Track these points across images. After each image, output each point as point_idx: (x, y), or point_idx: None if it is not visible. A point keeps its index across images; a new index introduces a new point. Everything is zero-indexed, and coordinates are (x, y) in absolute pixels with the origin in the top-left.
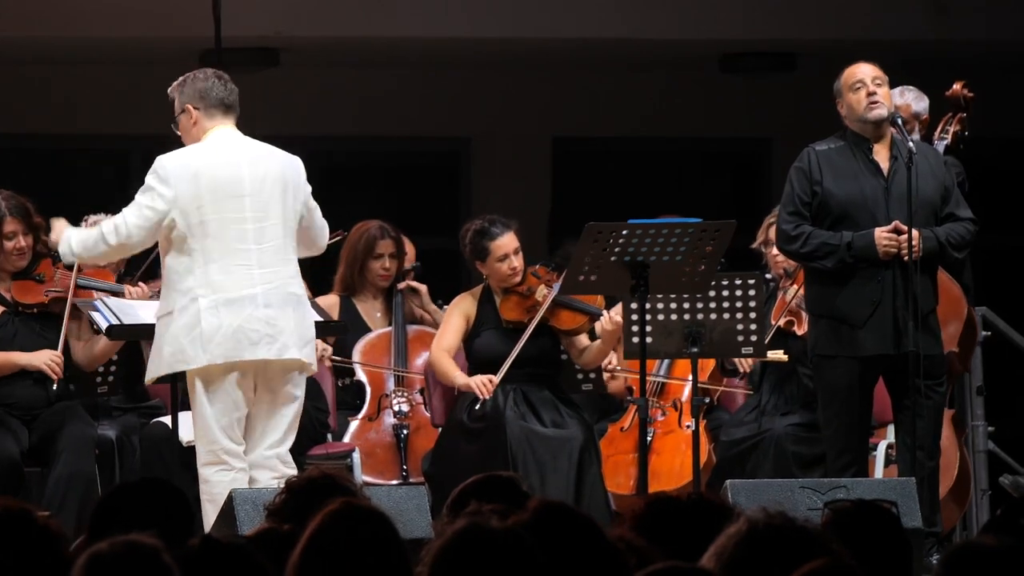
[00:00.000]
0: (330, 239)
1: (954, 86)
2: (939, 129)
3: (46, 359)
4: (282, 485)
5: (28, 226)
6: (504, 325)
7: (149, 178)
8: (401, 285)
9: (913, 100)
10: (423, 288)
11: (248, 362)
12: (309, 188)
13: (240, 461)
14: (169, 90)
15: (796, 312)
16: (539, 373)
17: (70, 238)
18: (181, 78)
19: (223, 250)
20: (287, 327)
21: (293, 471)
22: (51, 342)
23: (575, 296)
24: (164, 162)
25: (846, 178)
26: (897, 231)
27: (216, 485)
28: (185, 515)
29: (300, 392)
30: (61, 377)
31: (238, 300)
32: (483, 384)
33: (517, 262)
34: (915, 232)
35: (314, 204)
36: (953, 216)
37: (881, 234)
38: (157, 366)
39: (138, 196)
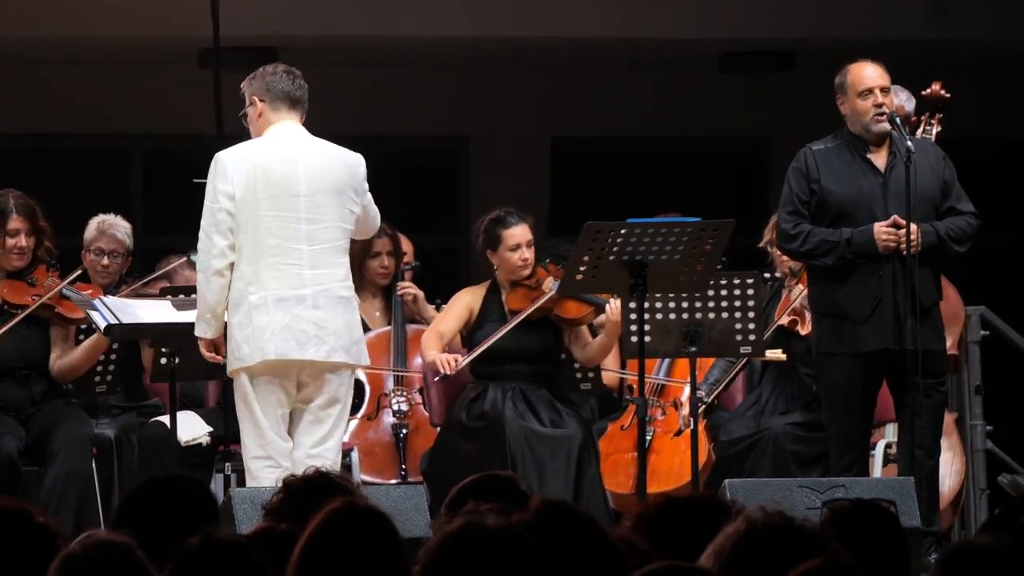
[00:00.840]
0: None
1: (932, 86)
2: (921, 130)
3: None
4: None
5: (32, 227)
6: (509, 317)
7: (210, 178)
8: (399, 291)
9: (906, 101)
10: (420, 295)
11: (294, 361)
12: (367, 186)
13: (287, 459)
14: (242, 85)
15: (800, 312)
16: (539, 371)
17: (196, 319)
18: (253, 73)
19: (275, 248)
20: (336, 329)
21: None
22: (33, 342)
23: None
24: (222, 157)
25: (844, 176)
26: (896, 225)
27: (264, 481)
28: (211, 511)
29: (344, 394)
30: None
31: (288, 299)
32: (447, 361)
33: (528, 254)
34: (913, 226)
35: (369, 198)
36: (954, 210)
37: (880, 229)
38: (228, 364)
39: (206, 202)
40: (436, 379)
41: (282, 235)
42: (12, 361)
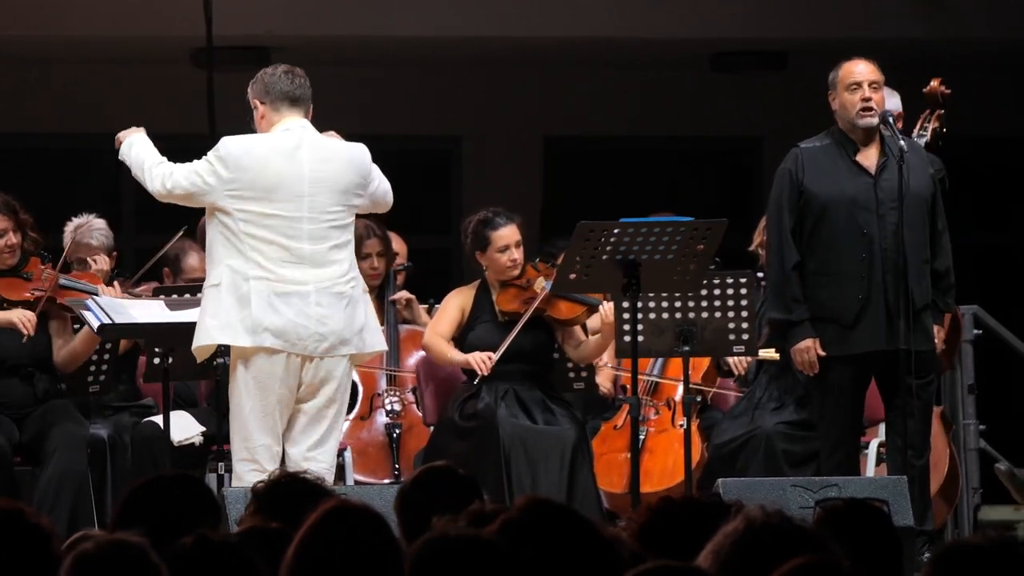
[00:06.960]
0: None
1: (931, 83)
2: (918, 127)
3: (19, 315)
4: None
5: (16, 223)
6: (500, 318)
7: (211, 153)
8: (394, 297)
9: (886, 98)
10: (412, 300)
11: (295, 357)
12: (373, 171)
13: (273, 462)
14: (247, 91)
15: None
16: (532, 370)
17: (132, 144)
18: (255, 76)
19: (278, 244)
20: (336, 327)
21: (329, 474)
22: (38, 339)
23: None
24: (229, 145)
25: (828, 177)
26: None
27: (248, 484)
28: (213, 511)
29: (341, 394)
30: (31, 334)
31: (290, 295)
32: (482, 360)
33: (517, 254)
34: (940, 332)
35: (376, 176)
36: (936, 234)
37: (800, 348)
38: (205, 335)
39: (197, 162)
40: (476, 381)
41: (284, 233)
42: (20, 359)
